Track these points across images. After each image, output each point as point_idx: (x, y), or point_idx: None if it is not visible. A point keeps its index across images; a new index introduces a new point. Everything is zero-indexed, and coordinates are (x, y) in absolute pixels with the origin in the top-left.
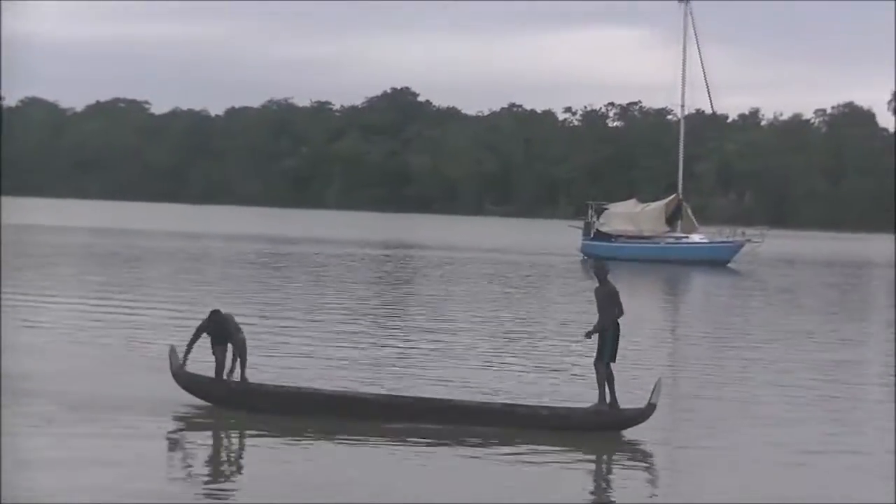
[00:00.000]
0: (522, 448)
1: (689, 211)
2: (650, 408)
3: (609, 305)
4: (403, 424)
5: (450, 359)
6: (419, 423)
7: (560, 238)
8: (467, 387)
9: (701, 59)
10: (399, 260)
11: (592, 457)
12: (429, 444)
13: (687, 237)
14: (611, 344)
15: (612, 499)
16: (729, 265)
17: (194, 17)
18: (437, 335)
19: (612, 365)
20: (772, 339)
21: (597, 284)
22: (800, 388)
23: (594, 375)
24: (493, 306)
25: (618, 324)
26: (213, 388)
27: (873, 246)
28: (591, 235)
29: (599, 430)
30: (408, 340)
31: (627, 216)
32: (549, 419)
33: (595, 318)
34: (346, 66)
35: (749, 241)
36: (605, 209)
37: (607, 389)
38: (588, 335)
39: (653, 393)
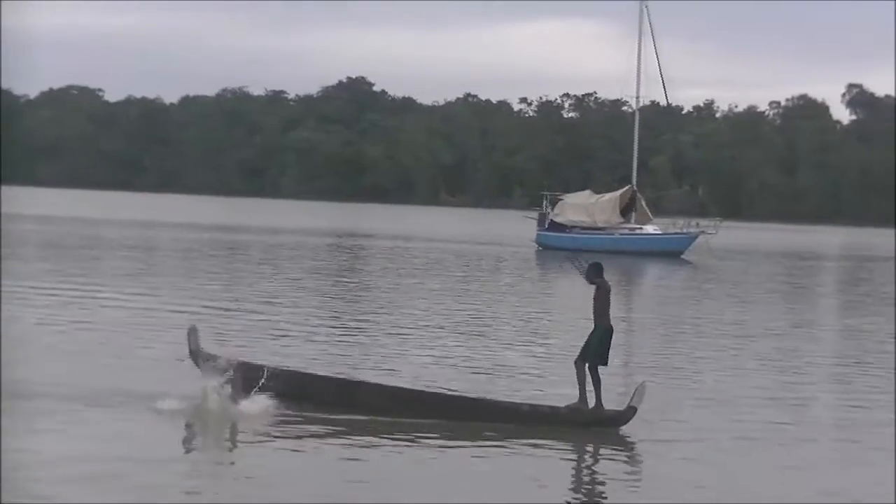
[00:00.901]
0: (494, 444)
1: (644, 202)
2: (630, 410)
3: (607, 306)
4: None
5: (398, 349)
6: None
7: (515, 229)
8: (420, 379)
9: (656, 51)
10: (351, 249)
11: (572, 455)
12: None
13: (641, 228)
14: (596, 345)
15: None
16: (682, 256)
17: (149, 6)
18: (384, 326)
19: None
20: (722, 327)
21: (591, 285)
22: (750, 376)
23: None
24: (446, 296)
25: (611, 326)
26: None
27: (825, 238)
28: (546, 226)
29: (576, 428)
30: (351, 331)
31: (582, 207)
32: (530, 415)
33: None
34: (301, 56)
35: (703, 232)
36: (560, 200)
37: (593, 392)
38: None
39: (634, 396)
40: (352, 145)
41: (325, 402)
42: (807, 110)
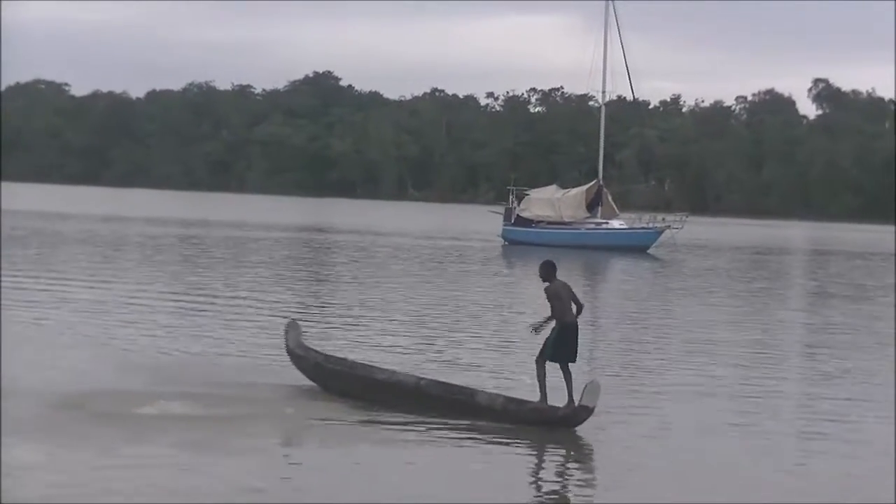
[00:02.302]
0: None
1: (610, 197)
2: (583, 410)
3: (567, 301)
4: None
5: (364, 343)
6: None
7: (481, 223)
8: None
9: (622, 46)
10: (316, 244)
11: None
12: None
13: (607, 223)
14: (552, 342)
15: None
16: (648, 251)
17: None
18: (351, 318)
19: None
20: (685, 322)
21: (546, 283)
22: (713, 371)
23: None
24: (410, 291)
25: (572, 322)
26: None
27: (790, 233)
28: (512, 221)
29: (530, 425)
30: (318, 322)
31: (548, 202)
32: (493, 410)
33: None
34: (268, 50)
35: (669, 227)
36: (526, 195)
37: (566, 389)
38: (535, 330)
39: (584, 395)
40: (318, 140)
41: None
42: (773, 105)
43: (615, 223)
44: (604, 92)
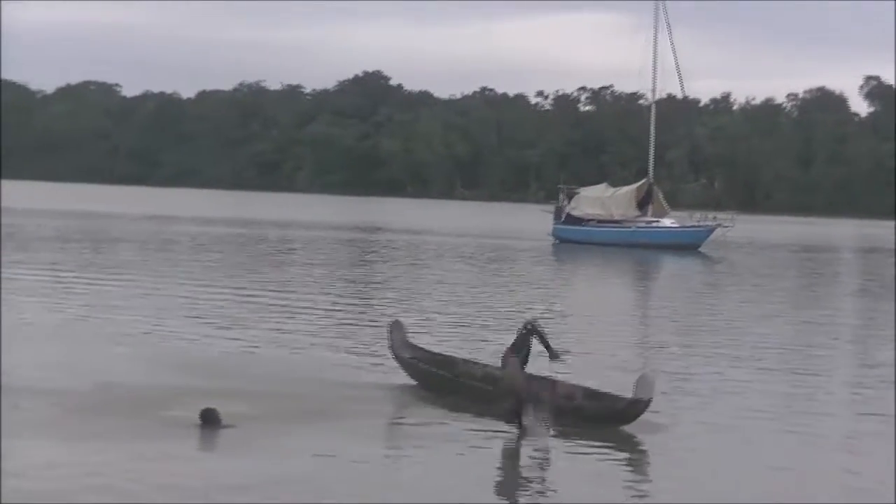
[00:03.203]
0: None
1: (660, 195)
2: (639, 402)
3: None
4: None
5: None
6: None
7: (531, 222)
8: None
9: (672, 44)
10: (368, 243)
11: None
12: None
13: (657, 221)
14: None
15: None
16: (699, 249)
17: (168, 2)
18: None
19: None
20: (740, 321)
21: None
22: (769, 369)
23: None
24: (463, 289)
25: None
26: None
27: (840, 231)
28: (562, 219)
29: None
30: (368, 324)
31: (598, 200)
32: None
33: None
34: (318, 50)
35: (719, 225)
36: (577, 193)
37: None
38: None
39: (637, 387)
40: (367, 139)
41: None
42: (824, 102)
43: (666, 221)
44: (654, 90)
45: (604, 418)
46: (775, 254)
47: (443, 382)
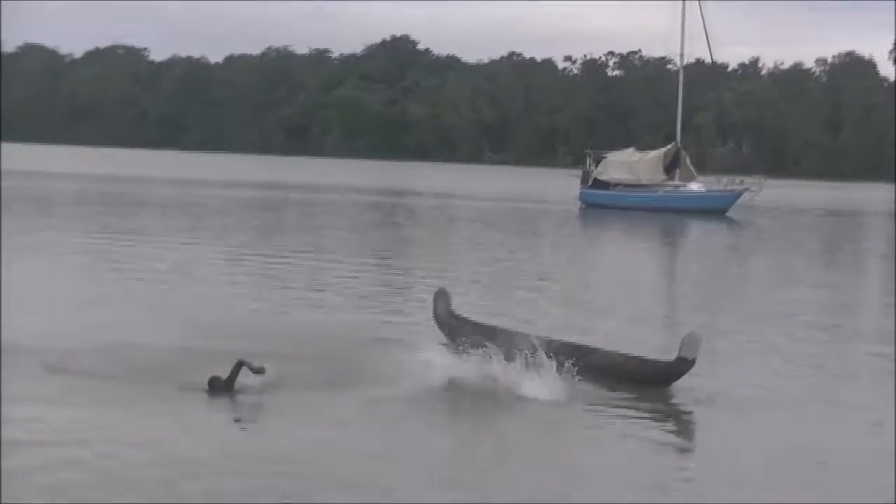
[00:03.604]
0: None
1: (688, 160)
2: (683, 362)
3: None
4: None
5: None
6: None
7: (559, 187)
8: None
9: (700, 8)
10: (396, 207)
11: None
12: None
13: (685, 186)
14: None
15: None
16: (727, 214)
17: None
18: (431, 279)
19: None
20: (770, 284)
21: None
22: (798, 336)
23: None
24: (490, 253)
25: None
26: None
27: (869, 195)
28: (590, 184)
29: (639, 382)
30: (399, 287)
31: (626, 165)
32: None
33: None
34: (345, 15)
35: (747, 190)
36: (604, 158)
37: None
38: None
39: (682, 347)
40: (395, 104)
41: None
42: (853, 67)
43: (693, 186)
44: (682, 55)
45: (648, 379)
46: (803, 218)
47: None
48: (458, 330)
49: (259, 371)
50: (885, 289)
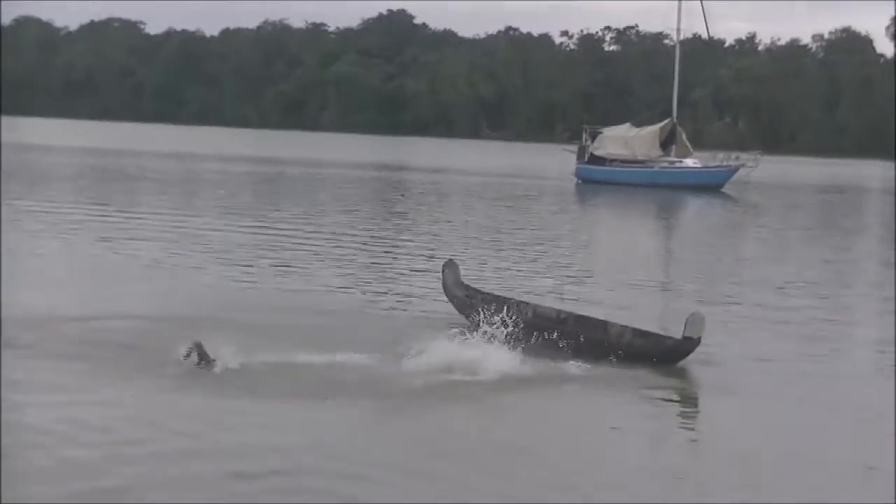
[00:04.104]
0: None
1: (684, 135)
2: (688, 341)
3: None
4: None
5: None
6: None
7: (555, 162)
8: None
9: None
10: (391, 182)
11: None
12: None
13: (681, 162)
14: None
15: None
16: (722, 190)
17: None
18: (422, 252)
19: None
20: (763, 259)
21: None
22: (791, 309)
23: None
24: (482, 228)
25: None
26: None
27: (866, 171)
28: (586, 159)
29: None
30: (391, 261)
31: (622, 140)
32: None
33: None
34: None
35: (743, 165)
36: (600, 133)
37: None
38: None
39: (686, 326)
40: (392, 79)
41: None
42: (850, 43)
43: (689, 162)
44: (679, 30)
45: (655, 357)
46: (798, 194)
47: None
48: (467, 300)
49: (205, 360)
50: (880, 262)
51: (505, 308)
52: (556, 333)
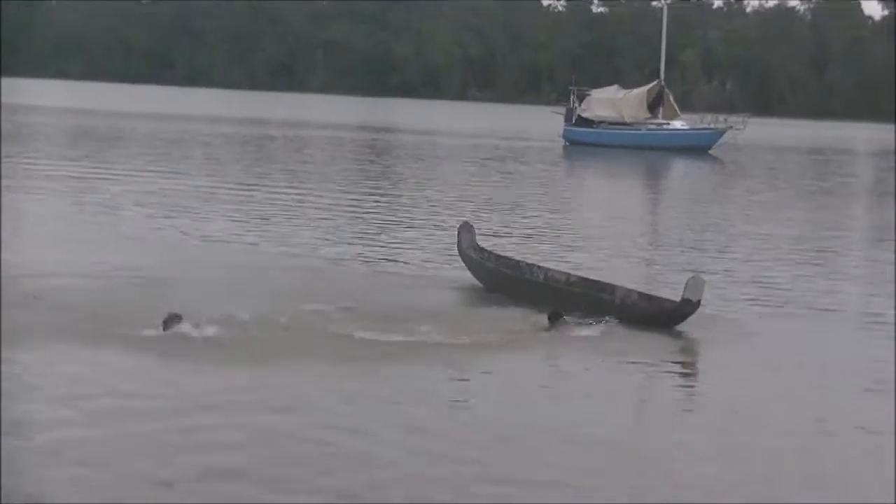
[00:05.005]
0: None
1: (671, 97)
2: (687, 303)
3: None
4: None
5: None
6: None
7: (543, 124)
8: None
9: None
10: (379, 143)
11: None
12: None
13: (668, 124)
14: None
15: None
16: (710, 152)
17: None
18: (412, 216)
19: None
20: (747, 223)
21: None
22: (780, 268)
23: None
24: (470, 189)
25: None
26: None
27: (854, 134)
28: (573, 121)
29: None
30: (376, 220)
31: (609, 102)
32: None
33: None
34: None
35: (731, 128)
36: (588, 95)
37: None
38: None
39: (686, 289)
40: (380, 42)
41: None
42: (838, 6)
43: (676, 124)
44: None
45: (656, 319)
46: (785, 156)
47: (509, 283)
48: (481, 262)
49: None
50: (864, 225)
51: (518, 270)
52: (566, 295)
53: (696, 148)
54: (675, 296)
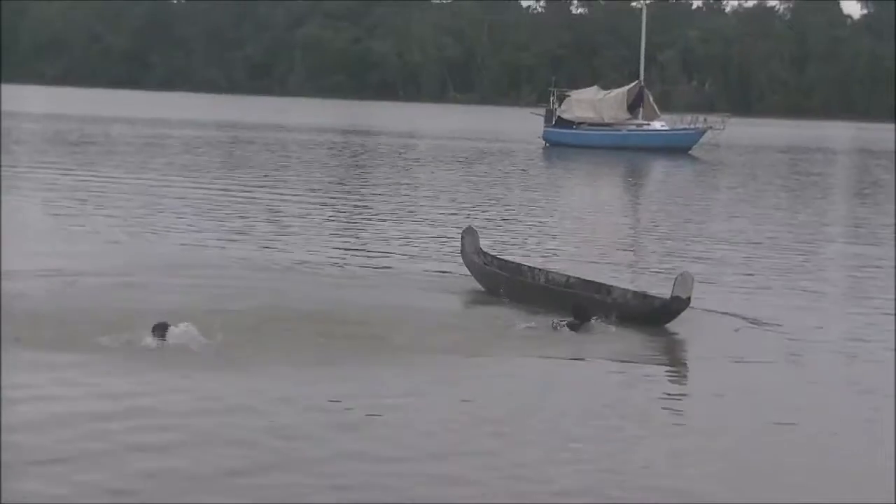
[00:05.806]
0: None
1: (651, 98)
2: (677, 301)
3: None
4: None
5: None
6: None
7: (522, 125)
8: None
9: None
10: (357, 146)
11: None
12: None
13: (648, 124)
14: None
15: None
16: (690, 152)
17: None
18: (390, 218)
19: None
20: (728, 223)
21: None
22: (766, 266)
23: None
24: (450, 192)
25: None
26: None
27: (833, 133)
28: (553, 122)
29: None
30: (360, 225)
31: (589, 103)
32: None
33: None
34: None
35: (711, 128)
36: (567, 96)
37: None
38: None
39: (675, 286)
40: (360, 42)
41: None
42: (816, 4)
43: (656, 124)
44: None
45: (647, 317)
46: (766, 155)
47: (511, 286)
48: (484, 267)
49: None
50: (844, 221)
51: (521, 273)
52: (565, 297)
53: (677, 148)
54: (666, 294)
